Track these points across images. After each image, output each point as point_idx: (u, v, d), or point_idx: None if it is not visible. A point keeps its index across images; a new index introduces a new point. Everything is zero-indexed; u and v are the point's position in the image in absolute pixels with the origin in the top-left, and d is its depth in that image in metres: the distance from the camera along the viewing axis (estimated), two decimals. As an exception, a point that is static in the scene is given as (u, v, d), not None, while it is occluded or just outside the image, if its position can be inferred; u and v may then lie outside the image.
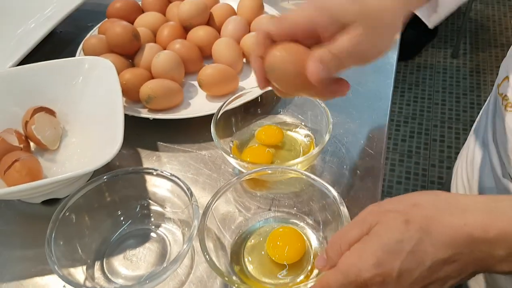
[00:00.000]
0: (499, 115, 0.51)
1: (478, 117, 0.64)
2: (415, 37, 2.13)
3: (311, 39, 0.38)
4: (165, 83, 0.60)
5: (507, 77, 0.49)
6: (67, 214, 0.45)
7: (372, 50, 0.39)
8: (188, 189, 0.46)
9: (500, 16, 2.35)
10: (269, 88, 0.42)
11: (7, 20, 0.75)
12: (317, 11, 0.37)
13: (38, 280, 0.48)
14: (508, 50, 0.53)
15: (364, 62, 0.39)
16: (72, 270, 0.44)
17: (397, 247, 0.32)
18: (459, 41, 2.12)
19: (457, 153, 1.87)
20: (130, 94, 0.61)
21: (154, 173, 0.48)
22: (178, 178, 0.47)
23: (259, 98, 0.58)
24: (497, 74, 0.54)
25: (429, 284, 0.33)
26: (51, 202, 0.54)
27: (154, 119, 0.59)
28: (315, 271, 0.44)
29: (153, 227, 0.50)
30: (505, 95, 0.49)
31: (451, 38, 2.23)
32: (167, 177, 0.47)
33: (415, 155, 1.73)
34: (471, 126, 0.64)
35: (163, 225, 0.50)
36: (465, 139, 0.66)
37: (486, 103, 0.62)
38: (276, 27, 0.39)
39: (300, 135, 0.57)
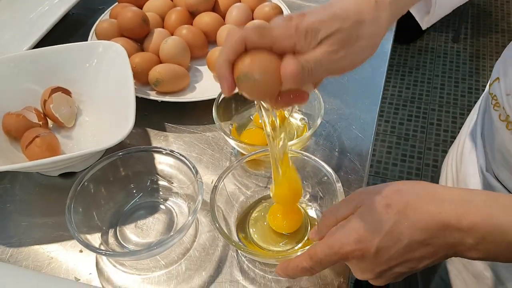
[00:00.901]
0: (488, 112, 0.54)
1: (473, 110, 0.68)
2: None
3: (285, 52, 0.38)
4: (172, 67, 0.65)
5: (498, 78, 0.52)
6: (86, 185, 0.51)
7: (346, 63, 0.39)
8: (194, 167, 0.51)
9: (502, 2, 2.36)
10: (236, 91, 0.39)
11: (21, 4, 0.79)
12: (298, 27, 0.37)
13: (57, 245, 0.53)
14: (508, 36, 0.55)
15: (338, 73, 0.40)
16: (88, 236, 0.50)
17: (377, 227, 0.36)
18: (460, 25, 2.14)
19: (453, 137, 1.91)
20: (140, 77, 0.65)
21: (164, 152, 0.53)
22: (185, 157, 0.52)
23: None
24: (497, 59, 0.56)
25: (405, 262, 0.37)
26: (67, 175, 0.59)
27: (162, 101, 0.64)
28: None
29: (161, 200, 0.55)
30: (495, 95, 0.52)
31: (453, 22, 2.25)
32: (175, 156, 0.52)
33: (411, 138, 1.77)
34: (469, 111, 0.68)
35: (170, 198, 0.55)
36: (462, 124, 0.70)
37: (480, 98, 0.65)
38: (257, 37, 0.36)
39: (294, 119, 0.62)
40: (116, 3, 0.76)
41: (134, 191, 0.55)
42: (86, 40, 0.72)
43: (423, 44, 2.15)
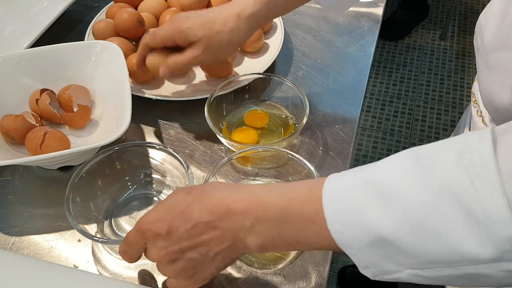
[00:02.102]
0: (471, 109, 0.60)
1: (464, 112, 0.73)
2: (406, 17, 2.19)
3: (175, 44, 0.59)
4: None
5: (476, 79, 0.57)
6: (84, 176, 0.54)
7: (212, 59, 0.60)
8: (185, 162, 0.54)
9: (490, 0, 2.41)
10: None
11: (20, 1, 0.81)
12: (174, 31, 0.58)
13: (56, 234, 0.57)
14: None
15: (208, 64, 0.68)
16: (86, 226, 0.53)
17: (173, 207, 0.41)
18: (447, 23, 2.19)
19: (437, 133, 1.95)
20: (135, 76, 0.68)
21: (157, 147, 0.57)
22: (177, 153, 0.55)
23: (247, 86, 0.66)
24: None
25: (195, 246, 0.40)
26: (65, 168, 0.63)
27: (157, 99, 0.67)
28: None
29: (154, 192, 0.59)
30: (474, 93, 0.57)
31: (441, 20, 2.29)
32: (168, 151, 0.56)
33: (397, 134, 1.82)
34: (453, 108, 0.72)
35: (163, 191, 0.59)
36: (446, 120, 0.75)
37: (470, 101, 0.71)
38: (150, 40, 0.60)
39: (282, 118, 0.66)
40: (112, 2, 0.79)
41: (129, 183, 0.59)
42: (83, 38, 0.74)
43: (411, 41, 2.19)
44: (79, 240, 0.56)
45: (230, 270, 0.53)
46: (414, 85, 2.00)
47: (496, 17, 0.50)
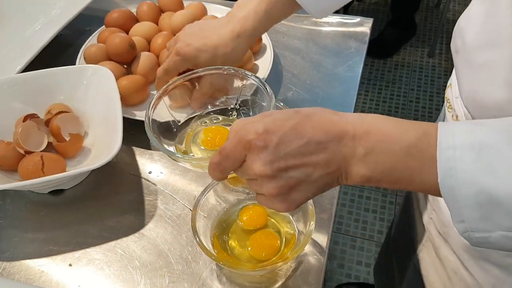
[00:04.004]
0: (444, 114, 0.61)
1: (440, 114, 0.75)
2: (395, 36, 2.23)
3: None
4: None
5: (450, 84, 0.59)
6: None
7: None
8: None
9: (476, 18, 2.46)
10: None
11: (13, 23, 0.81)
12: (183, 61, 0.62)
13: (47, 259, 0.56)
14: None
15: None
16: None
17: (283, 122, 0.39)
18: (435, 41, 2.23)
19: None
20: (126, 99, 0.68)
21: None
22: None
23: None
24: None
25: (301, 166, 0.38)
26: (56, 192, 0.63)
27: (148, 122, 0.68)
28: (289, 253, 0.53)
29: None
30: (448, 99, 0.58)
31: (429, 38, 2.33)
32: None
33: (388, 150, 1.84)
34: None
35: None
36: None
37: (443, 104, 0.72)
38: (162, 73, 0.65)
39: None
40: (103, 26, 0.80)
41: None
42: (74, 61, 0.75)
43: (400, 59, 2.23)
44: (70, 265, 0.56)
45: (222, 292, 0.53)
46: (403, 102, 2.03)
47: (480, 18, 0.50)
